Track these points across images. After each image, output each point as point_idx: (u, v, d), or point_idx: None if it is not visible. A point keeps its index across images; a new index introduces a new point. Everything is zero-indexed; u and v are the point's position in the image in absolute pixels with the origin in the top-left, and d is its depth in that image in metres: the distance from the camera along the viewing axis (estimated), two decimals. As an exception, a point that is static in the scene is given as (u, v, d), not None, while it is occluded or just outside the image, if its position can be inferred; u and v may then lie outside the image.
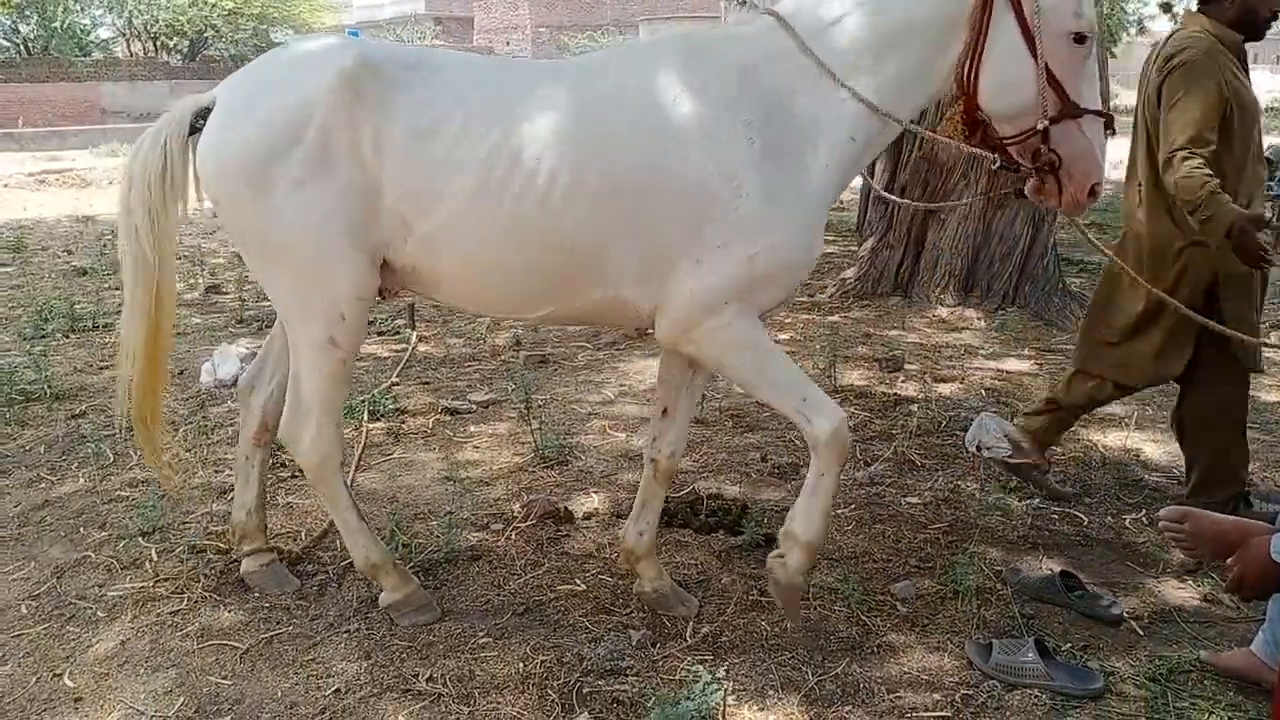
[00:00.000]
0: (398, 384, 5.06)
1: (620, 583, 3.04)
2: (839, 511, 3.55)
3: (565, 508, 3.53)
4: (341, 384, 2.69)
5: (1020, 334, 6.01)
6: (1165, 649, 2.71)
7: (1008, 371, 5.31)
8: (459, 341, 6.03)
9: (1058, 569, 3.04)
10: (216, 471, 3.92)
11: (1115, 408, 4.66)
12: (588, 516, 3.55)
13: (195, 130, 2.57)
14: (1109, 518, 3.55)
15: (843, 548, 3.27)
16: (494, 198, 2.40)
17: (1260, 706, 2.43)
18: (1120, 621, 2.84)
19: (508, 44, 42.95)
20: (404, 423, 4.50)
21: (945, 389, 5.01)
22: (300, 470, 3.86)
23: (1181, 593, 3.02)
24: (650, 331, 2.64)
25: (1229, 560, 2.09)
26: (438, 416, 4.56)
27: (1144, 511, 3.57)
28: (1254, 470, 3.71)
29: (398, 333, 6.13)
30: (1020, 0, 2.29)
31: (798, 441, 4.26)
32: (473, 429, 4.42)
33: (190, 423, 4.45)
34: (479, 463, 4.05)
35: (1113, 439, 4.28)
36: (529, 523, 3.45)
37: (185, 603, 2.95)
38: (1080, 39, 2.30)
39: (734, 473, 3.94)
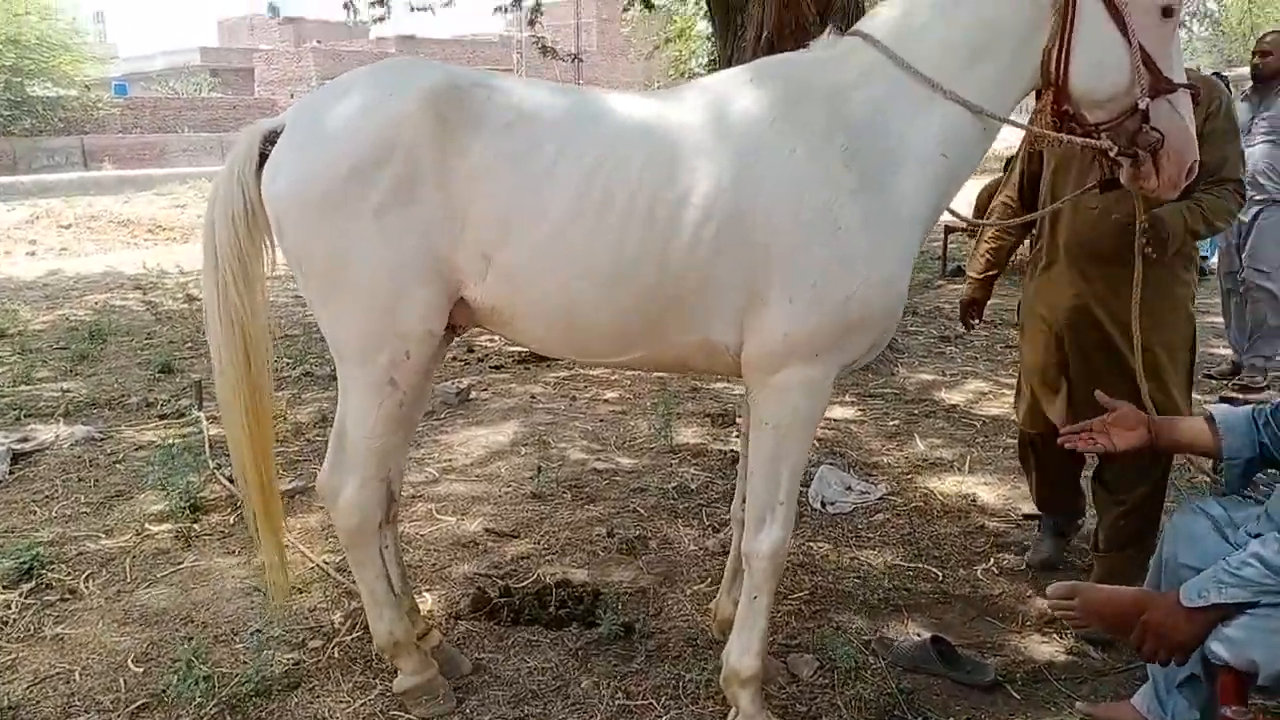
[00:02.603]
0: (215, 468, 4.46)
1: (467, 699, 2.68)
2: (697, 588, 3.33)
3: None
4: (395, 431, 2.48)
5: (840, 381, 6.02)
6: (1045, 713, 2.62)
7: (836, 420, 5.29)
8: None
9: (928, 635, 2.92)
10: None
11: (945, 452, 4.73)
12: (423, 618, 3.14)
13: (265, 158, 2.36)
14: (961, 570, 3.50)
15: (706, 631, 3.04)
16: (591, 226, 2.22)
17: (1150, 769, 2.36)
18: (996, 686, 2.75)
19: (292, 95, 41.27)
20: (197, 521, 3.93)
21: (780, 442, 4.91)
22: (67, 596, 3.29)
23: (1047, 647, 2.97)
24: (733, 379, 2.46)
25: (1134, 635, 2.00)
26: (237, 512, 4.02)
27: (992, 561, 3.56)
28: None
29: (182, 414, 5.46)
30: None
31: (642, 510, 4.03)
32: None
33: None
34: (290, 565, 3.55)
35: (949, 485, 4.29)
36: (355, 635, 3.02)
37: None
38: (1169, 12, 2.19)
39: (580, 553, 3.64)
